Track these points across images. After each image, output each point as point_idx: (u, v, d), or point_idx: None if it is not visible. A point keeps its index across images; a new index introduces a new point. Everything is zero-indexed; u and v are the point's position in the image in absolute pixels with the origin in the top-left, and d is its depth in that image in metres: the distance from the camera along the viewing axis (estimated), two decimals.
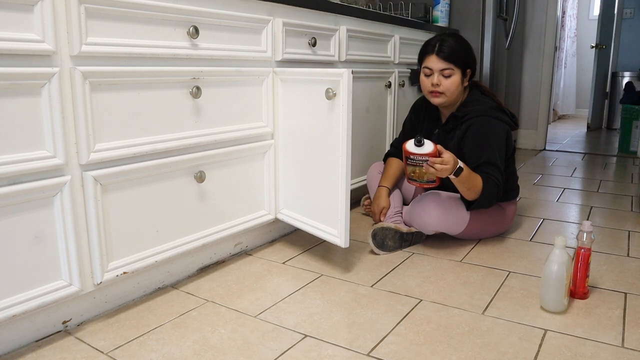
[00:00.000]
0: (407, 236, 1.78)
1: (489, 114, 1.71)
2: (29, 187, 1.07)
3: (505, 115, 1.76)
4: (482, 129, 1.69)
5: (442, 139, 1.80)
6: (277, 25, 1.65)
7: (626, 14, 5.41)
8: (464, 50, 1.75)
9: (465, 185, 1.61)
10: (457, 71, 1.73)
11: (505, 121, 1.74)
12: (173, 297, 1.41)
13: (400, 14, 2.93)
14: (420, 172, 1.59)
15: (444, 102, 1.77)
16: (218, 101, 1.50)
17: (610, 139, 4.74)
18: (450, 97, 1.76)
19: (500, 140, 1.71)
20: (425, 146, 1.55)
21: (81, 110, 1.14)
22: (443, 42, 1.73)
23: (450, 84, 1.73)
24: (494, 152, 1.68)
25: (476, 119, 1.70)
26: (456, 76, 1.73)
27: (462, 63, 1.73)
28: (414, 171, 1.61)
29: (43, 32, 1.05)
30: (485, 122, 1.70)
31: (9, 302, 1.07)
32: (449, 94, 1.75)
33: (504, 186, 1.83)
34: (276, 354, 1.14)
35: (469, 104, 1.76)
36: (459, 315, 1.32)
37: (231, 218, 1.60)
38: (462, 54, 1.73)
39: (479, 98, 1.78)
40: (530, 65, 3.93)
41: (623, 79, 5.21)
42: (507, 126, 1.74)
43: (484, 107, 1.73)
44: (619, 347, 1.16)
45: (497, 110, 1.74)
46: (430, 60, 1.74)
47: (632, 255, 1.74)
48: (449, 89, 1.73)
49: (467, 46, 1.78)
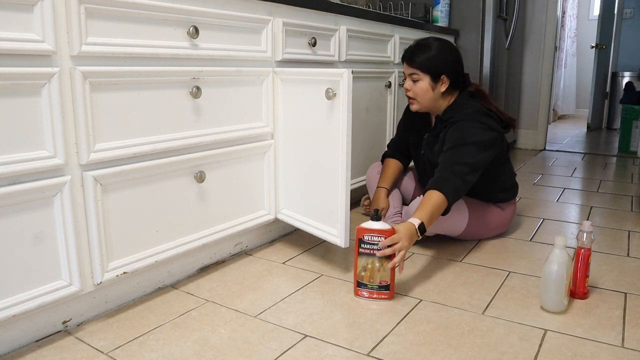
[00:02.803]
0: None
1: (469, 118, 1.66)
2: (29, 187, 1.07)
3: (491, 119, 1.69)
4: (458, 132, 1.65)
5: (432, 143, 1.80)
6: (277, 25, 1.65)
7: (626, 14, 5.41)
8: (438, 56, 1.70)
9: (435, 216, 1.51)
10: (424, 77, 1.70)
11: (491, 126, 1.67)
12: (173, 297, 1.41)
13: (400, 14, 2.93)
14: (373, 267, 1.37)
15: (419, 109, 1.77)
16: (218, 101, 1.50)
17: (610, 139, 4.74)
18: (422, 102, 1.74)
19: (479, 144, 1.62)
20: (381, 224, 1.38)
21: (81, 110, 1.14)
22: (414, 48, 1.73)
23: (418, 90, 1.72)
24: (468, 153, 1.60)
25: (457, 123, 1.67)
26: (424, 82, 1.71)
27: (430, 69, 1.70)
28: (365, 267, 1.38)
29: (43, 32, 1.05)
30: (463, 126, 1.65)
31: (9, 302, 1.07)
32: (419, 100, 1.74)
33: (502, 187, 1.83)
34: (276, 354, 1.14)
35: (454, 108, 1.74)
36: (459, 315, 1.32)
37: (231, 218, 1.60)
38: (433, 60, 1.69)
39: (465, 102, 1.74)
40: (530, 65, 3.93)
41: (623, 79, 5.21)
42: (493, 131, 1.66)
43: (468, 111, 1.69)
44: (619, 347, 1.16)
45: (482, 114, 1.68)
46: (404, 65, 1.76)
47: (632, 255, 1.74)
48: (417, 94, 1.73)
49: (446, 52, 1.72)
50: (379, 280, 1.38)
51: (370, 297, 1.40)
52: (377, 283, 1.39)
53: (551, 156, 3.78)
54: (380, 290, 1.39)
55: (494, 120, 1.70)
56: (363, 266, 1.39)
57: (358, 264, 1.40)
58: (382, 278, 1.38)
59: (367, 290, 1.40)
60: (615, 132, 5.12)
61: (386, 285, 1.39)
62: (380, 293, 1.39)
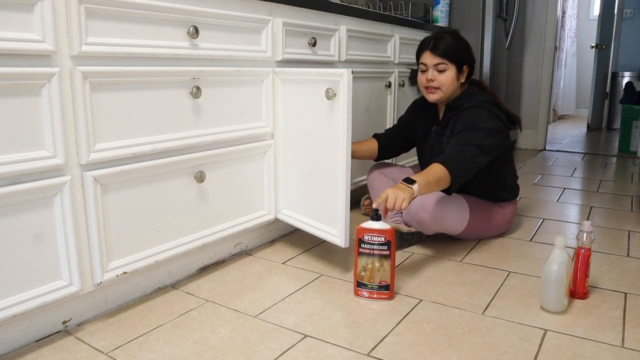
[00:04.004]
0: (407, 236, 1.78)
1: (479, 106, 1.70)
2: (29, 187, 1.07)
3: (500, 111, 1.72)
4: (469, 117, 1.67)
5: (440, 135, 1.81)
6: (277, 25, 1.65)
7: (626, 14, 5.41)
8: (460, 46, 1.76)
9: (433, 186, 1.50)
10: (451, 66, 1.73)
11: (499, 116, 1.70)
12: (173, 297, 1.41)
13: (400, 14, 2.93)
14: (373, 267, 1.37)
15: (439, 99, 1.77)
16: (218, 101, 1.50)
17: (610, 139, 4.74)
18: (446, 92, 1.76)
19: (489, 130, 1.63)
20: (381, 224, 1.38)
21: (81, 110, 1.14)
22: (438, 38, 1.75)
23: (445, 79, 1.73)
24: (478, 136, 1.61)
25: (468, 109, 1.70)
26: (450, 71, 1.74)
27: (456, 58, 1.74)
28: (365, 267, 1.38)
29: (43, 32, 1.05)
30: (473, 112, 1.68)
31: (9, 302, 1.07)
32: (444, 89, 1.75)
33: (503, 185, 1.83)
34: (276, 354, 1.14)
35: (465, 97, 1.76)
36: (459, 315, 1.32)
37: (231, 218, 1.60)
38: (457, 50, 1.74)
39: (476, 92, 1.79)
40: (530, 65, 3.93)
41: (623, 79, 5.21)
42: (501, 122, 1.70)
43: (479, 99, 1.73)
44: (619, 347, 1.16)
45: (492, 104, 1.72)
46: (425, 56, 1.76)
47: (632, 255, 1.74)
48: (443, 84, 1.74)
49: (464, 43, 1.79)
50: (379, 280, 1.38)
51: (370, 297, 1.40)
52: (377, 283, 1.39)
53: (551, 156, 3.78)
54: (380, 290, 1.39)
55: (502, 113, 1.74)
56: (363, 266, 1.39)
57: (358, 264, 1.40)
58: (382, 278, 1.38)
59: (367, 290, 1.40)
60: (615, 132, 5.12)
61: (386, 285, 1.39)
62: (380, 293, 1.39)
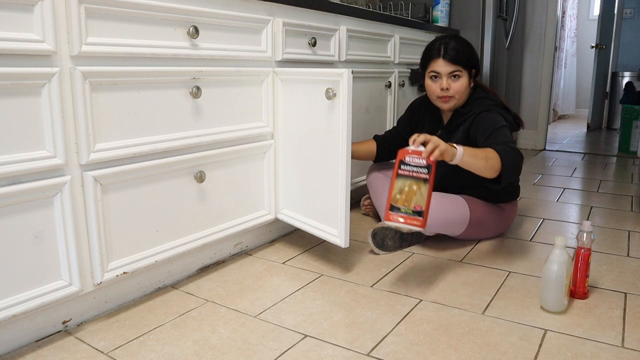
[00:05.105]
0: (407, 236, 1.78)
1: (489, 109, 1.70)
2: (29, 187, 1.07)
3: (509, 115, 1.75)
4: (486, 122, 1.66)
5: (445, 139, 1.79)
6: (277, 25, 1.65)
7: (626, 14, 5.41)
8: (468, 50, 1.75)
9: (480, 160, 1.43)
10: (464, 72, 1.72)
11: (509, 120, 1.72)
12: (173, 297, 1.41)
13: (400, 14, 2.93)
14: (410, 190, 1.31)
15: (454, 106, 1.76)
16: (218, 101, 1.50)
17: (610, 139, 4.73)
18: (460, 99, 1.74)
19: (507, 127, 1.65)
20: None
21: (81, 110, 1.14)
22: (447, 45, 1.72)
23: (460, 86, 1.72)
24: (503, 134, 1.61)
25: (479, 115, 1.69)
26: (464, 78, 1.72)
27: (468, 64, 1.73)
28: (401, 190, 1.32)
29: (43, 32, 1.05)
30: (485, 117, 1.68)
31: (9, 302, 1.07)
32: (458, 97, 1.73)
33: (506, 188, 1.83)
34: (276, 354, 1.14)
35: (475, 101, 1.75)
36: (459, 315, 1.32)
37: (231, 218, 1.60)
38: (467, 55, 1.73)
39: (485, 96, 1.78)
40: (530, 65, 3.93)
41: (623, 79, 5.21)
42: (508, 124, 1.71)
43: (487, 103, 1.73)
44: (619, 347, 1.16)
45: (500, 107, 1.74)
46: (437, 64, 1.72)
47: (632, 255, 1.74)
48: (458, 91, 1.72)
49: (470, 46, 1.78)
50: (414, 204, 1.30)
51: (402, 223, 1.31)
52: (412, 208, 1.30)
53: (551, 156, 3.78)
54: (413, 215, 1.30)
55: (510, 115, 1.75)
56: (400, 188, 1.32)
57: (395, 186, 1.32)
58: (417, 202, 1.30)
59: (400, 215, 1.31)
60: (615, 132, 5.12)
61: (420, 211, 1.30)
62: (413, 219, 1.30)
